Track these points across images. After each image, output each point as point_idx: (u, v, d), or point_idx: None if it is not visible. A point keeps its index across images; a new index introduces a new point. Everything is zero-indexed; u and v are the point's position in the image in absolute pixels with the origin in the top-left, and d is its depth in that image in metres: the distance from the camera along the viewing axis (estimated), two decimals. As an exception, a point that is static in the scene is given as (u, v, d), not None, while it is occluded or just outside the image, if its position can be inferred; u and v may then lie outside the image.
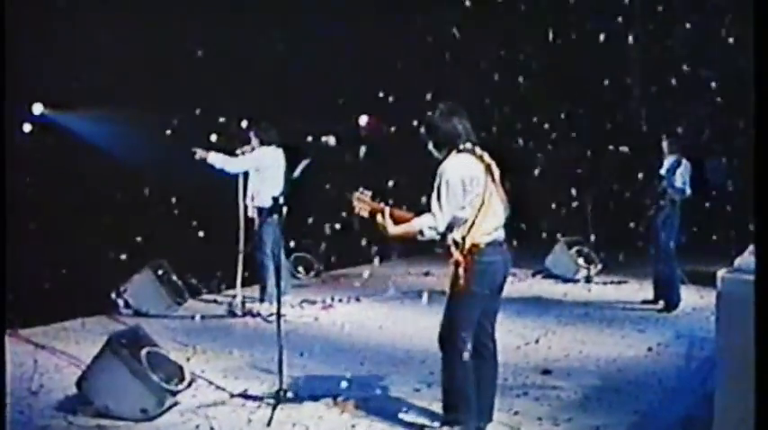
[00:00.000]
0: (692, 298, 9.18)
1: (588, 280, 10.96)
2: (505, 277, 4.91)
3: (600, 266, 11.28)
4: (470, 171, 4.67)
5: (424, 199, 4.84)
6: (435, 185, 4.67)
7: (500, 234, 4.78)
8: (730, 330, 4.25)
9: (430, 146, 4.86)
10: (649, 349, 7.27)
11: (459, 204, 4.64)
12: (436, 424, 5.07)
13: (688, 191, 8.70)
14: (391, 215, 4.86)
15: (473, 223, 4.64)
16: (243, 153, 8.90)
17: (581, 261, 11.20)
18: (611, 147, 11.26)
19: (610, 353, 7.14)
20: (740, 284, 4.24)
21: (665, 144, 8.89)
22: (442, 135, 4.79)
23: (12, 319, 7.53)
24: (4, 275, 3.26)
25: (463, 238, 4.64)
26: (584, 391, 5.96)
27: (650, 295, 9.31)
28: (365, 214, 4.92)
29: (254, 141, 8.80)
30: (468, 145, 4.77)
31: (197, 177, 9.83)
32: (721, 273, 4.35)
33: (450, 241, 4.71)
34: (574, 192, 12.22)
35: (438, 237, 4.74)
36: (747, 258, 4.44)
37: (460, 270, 4.64)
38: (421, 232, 4.70)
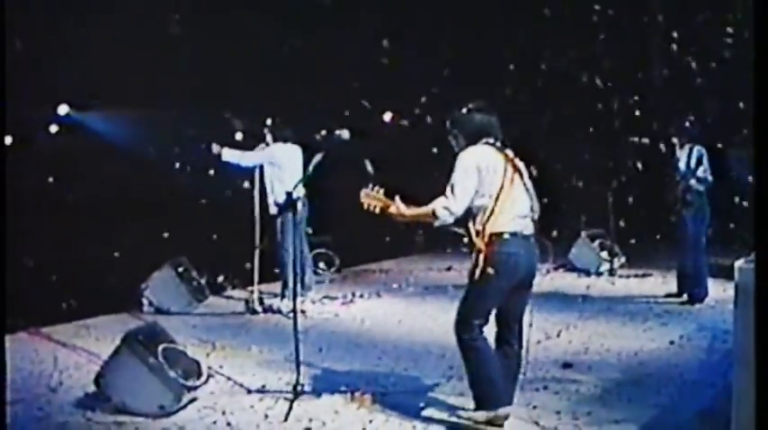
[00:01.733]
0: (716, 290, 9.03)
1: (612, 273, 10.82)
2: (530, 272, 4.88)
3: (623, 259, 11.16)
4: (487, 159, 4.73)
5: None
6: (452, 172, 4.72)
7: (524, 225, 4.78)
8: (748, 320, 4.18)
9: (454, 140, 4.94)
10: (671, 342, 7.18)
11: (474, 188, 4.67)
12: (464, 412, 5.04)
13: (710, 178, 8.60)
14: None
15: (492, 212, 4.66)
16: (261, 150, 8.94)
17: (604, 254, 11.06)
18: (632, 138, 11.15)
19: (631, 346, 7.06)
20: (758, 274, 4.17)
21: (675, 139, 8.83)
22: (468, 131, 4.87)
23: (34, 317, 7.62)
24: (3, 277, 3.28)
25: (483, 226, 4.67)
26: (605, 385, 5.90)
27: (674, 288, 9.20)
28: (377, 210, 4.93)
29: (269, 137, 8.83)
30: (492, 140, 4.83)
31: (216, 175, 9.90)
32: (739, 263, 4.28)
33: (472, 231, 4.72)
34: (595, 184, 12.11)
35: (451, 220, 4.73)
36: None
37: (480, 258, 4.66)
38: (434, 213, 4.71)
